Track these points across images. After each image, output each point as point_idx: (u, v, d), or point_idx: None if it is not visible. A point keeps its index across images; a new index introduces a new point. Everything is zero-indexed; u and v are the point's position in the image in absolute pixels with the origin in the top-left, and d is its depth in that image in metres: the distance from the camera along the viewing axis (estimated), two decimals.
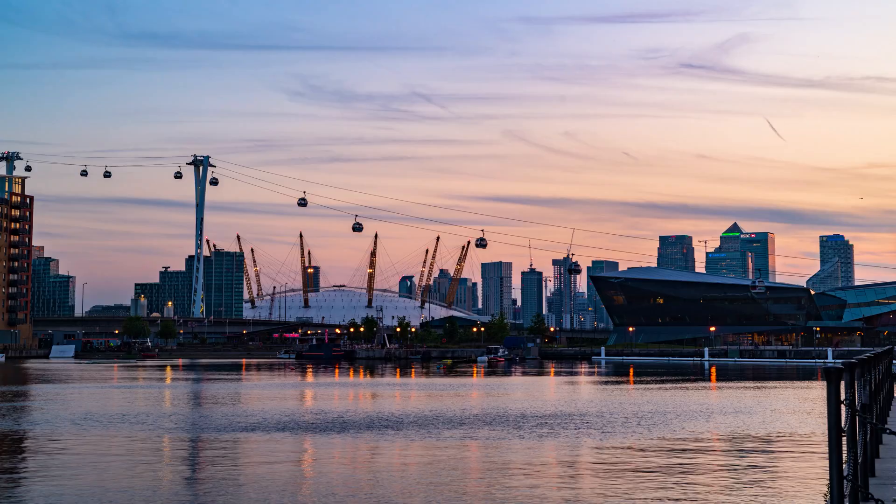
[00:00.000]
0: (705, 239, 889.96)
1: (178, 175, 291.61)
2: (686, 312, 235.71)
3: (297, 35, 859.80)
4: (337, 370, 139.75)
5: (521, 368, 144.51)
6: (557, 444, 41.03)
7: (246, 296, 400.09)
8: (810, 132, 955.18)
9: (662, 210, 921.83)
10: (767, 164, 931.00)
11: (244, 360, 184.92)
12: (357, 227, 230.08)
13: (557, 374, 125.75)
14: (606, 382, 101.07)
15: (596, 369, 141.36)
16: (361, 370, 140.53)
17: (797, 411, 59.12)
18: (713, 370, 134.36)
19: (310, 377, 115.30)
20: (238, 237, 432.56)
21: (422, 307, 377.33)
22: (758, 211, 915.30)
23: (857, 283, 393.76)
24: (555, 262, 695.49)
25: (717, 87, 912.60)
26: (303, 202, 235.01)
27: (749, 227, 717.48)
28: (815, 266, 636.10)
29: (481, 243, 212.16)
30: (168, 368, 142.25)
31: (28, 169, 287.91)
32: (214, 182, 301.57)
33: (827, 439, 9.24)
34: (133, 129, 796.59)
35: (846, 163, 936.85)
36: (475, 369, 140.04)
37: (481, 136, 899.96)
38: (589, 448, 39.44)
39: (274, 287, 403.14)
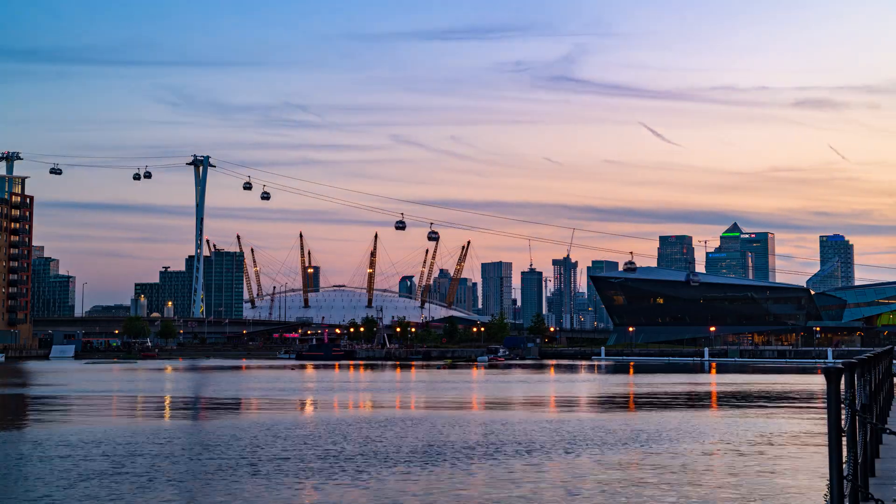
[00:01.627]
0: (705, 239, 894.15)
1: (137, 177, 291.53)
2: (686, 312, 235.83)
3: (160, 50, 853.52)
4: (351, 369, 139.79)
5: (521, 368, 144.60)
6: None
7: (246, 296, 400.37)
8: (700, 139, 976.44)
9: (590, 212, 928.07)
10: (670, 168, 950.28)
11: (244, 360, 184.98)
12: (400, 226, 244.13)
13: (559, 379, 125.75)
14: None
15: (596, 365, 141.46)
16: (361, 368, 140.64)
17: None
18: (713, 367, 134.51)
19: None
20: (238, 237, 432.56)
21: (422, 307, 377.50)
22: (677, 213, 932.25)
23: (857, 283, 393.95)
24: (555, 262, 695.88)
25: (590, 98, 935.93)
26: (248, 186, 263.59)
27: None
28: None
29: (431, 237, 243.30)
30: (168, 369, 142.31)
31: (58, 172, 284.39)
32: (266, 196, 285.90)
33: (827, 439, 9.23)
34: None
35: (751, 167, 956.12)
36: (475, 369, 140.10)
37: (373, 142, 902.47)
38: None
39: (274, 287, 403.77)
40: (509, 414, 56.17)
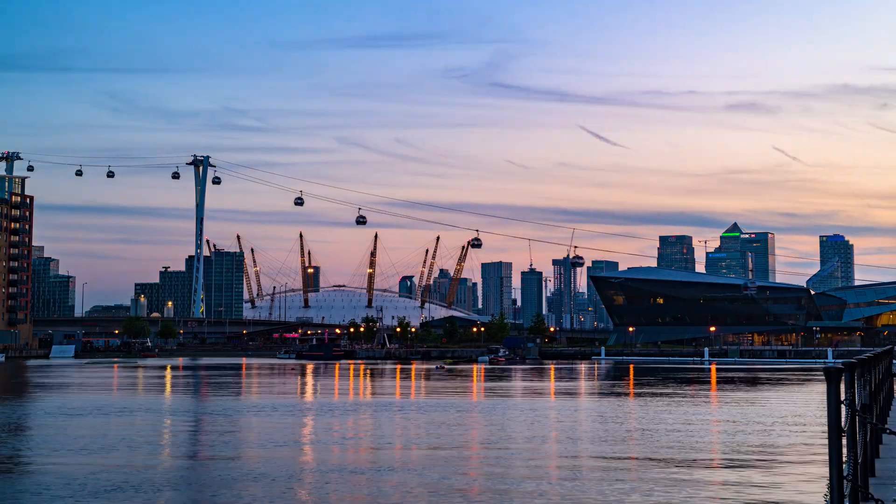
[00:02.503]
0: (705, 239, 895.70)
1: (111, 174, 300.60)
2: (686, 312, 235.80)
3: (100, 56, 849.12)
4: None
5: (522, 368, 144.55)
6: None
7: (246, 296, 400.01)
8: (643, 143, 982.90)
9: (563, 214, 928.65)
10: (626, 171, 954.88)
11: (244, 360, 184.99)
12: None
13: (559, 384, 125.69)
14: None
15: (596, 366, 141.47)
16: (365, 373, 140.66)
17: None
18: (713, 367, 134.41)
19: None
20: (238, 237, 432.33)
21: (422, 307, 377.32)
22: (642, 215, 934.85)
23: (857, 283, 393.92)
24: (555, 262, 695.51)
25: (529, 103, 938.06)
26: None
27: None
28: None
29: (360, 221, 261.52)
30: (168, 368, 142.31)
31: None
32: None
33: (827, 439, 9.24)
34: None
35: (705, 170, 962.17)
36: (475, 369, 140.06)
37: (321, 145, 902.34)
38: None
39: (274, 287, 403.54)
40: None
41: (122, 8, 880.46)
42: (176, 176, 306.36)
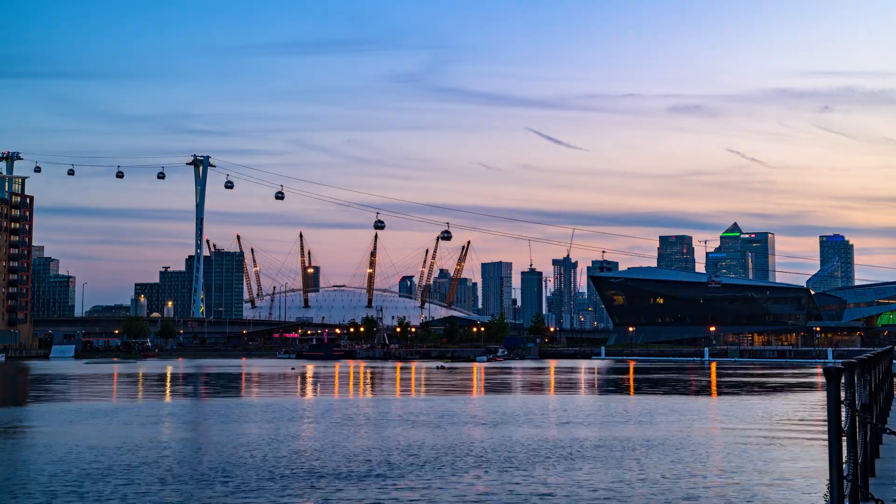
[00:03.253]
0: (705, 239, 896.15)
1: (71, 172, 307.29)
2: (686, 312, 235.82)
3: (52, 61, 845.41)
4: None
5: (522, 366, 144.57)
6: None
7: (246, 296, 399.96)
8: (596, 145, 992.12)
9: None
10: (588, 173, 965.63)
11: (244, 360, 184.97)
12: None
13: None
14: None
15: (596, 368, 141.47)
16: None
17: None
18: (713, 366, 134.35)
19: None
20: (238, 237, 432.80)
21: (422, 307, 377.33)
22: (618, 217, 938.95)
23: (857, 283, 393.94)
24: (555, 262, 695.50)
25: (479, 108, 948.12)
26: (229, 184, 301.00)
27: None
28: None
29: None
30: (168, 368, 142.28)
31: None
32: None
33: (827, 439, 9.24)
34: None
35: (666, 171, 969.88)
36: (475, 369, 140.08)
37: (278, 148, 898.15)
38: None
39: (274, 287, 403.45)
40: None
41: (72, 14, 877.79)
42: (161, 176, 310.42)
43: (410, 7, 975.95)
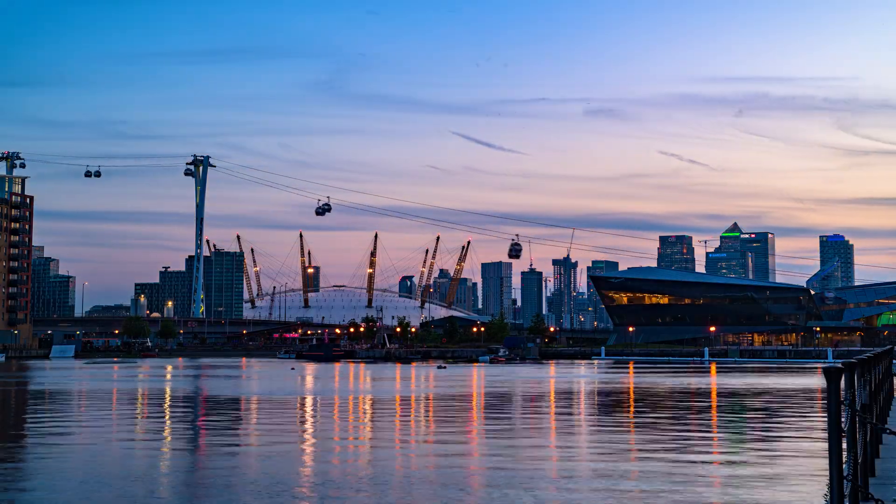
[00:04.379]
0: (705, 239, 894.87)
1: None
2: (686, 312, 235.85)
3: None
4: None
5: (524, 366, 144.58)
6: None
7: (246, 296, 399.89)
8: (530, 148, 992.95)
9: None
10: (529, 176, 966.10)
11: (244, 361, 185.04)
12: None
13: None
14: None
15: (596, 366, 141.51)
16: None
17: None
18: (713, 366, 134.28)
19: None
20: (238, 237, 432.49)
21: (422, 307, 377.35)
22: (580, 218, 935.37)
23: (857, 283, 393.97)
24: (555, 262, 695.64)
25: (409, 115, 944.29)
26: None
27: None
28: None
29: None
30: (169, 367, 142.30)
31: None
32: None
33: (827, 439, 9.24)
34: None
35: (610, 173, 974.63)
36: (475, 369, 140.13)
37: (211, 151, 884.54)
38: None
39: (274, 287, 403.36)
40: None
41: None
42: (90, 174, 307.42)
43: (315, 17, 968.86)
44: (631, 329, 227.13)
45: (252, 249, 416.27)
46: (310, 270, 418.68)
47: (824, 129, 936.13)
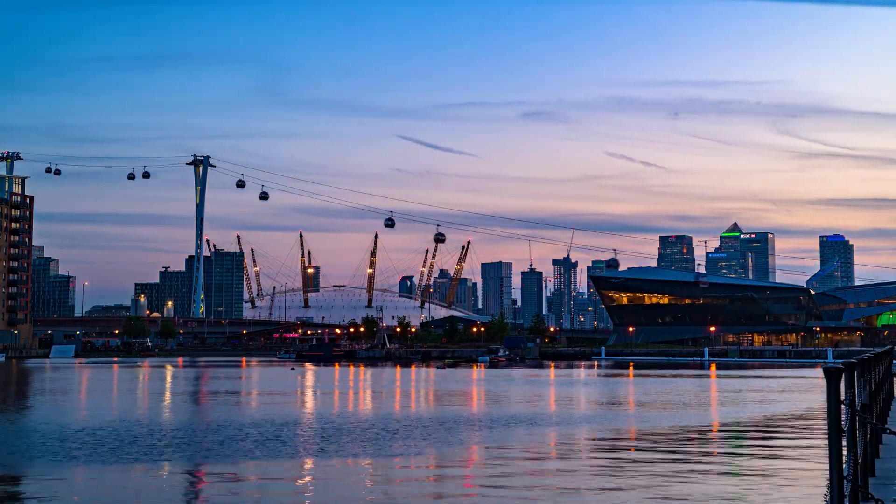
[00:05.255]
0: (705, 239, 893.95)
1: None
2: (686, 312, 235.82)
3: None
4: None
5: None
6: None
7: (246, 296, 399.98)
8: (487, 150, 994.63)
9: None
10: (482, 178, 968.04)
11: (244, 361, 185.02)
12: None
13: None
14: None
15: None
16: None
17: None
18: (713, 367, 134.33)
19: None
20: (238, 237, 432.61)
21: (422, 307, 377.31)
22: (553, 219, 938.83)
23: (857, 283, 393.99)
24: (555, 262, 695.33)
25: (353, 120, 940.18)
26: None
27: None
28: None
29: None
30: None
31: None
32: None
33: (827, 439, 9.24)
34: None
35: (565, 175, 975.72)
36: (475, 369, 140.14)
37: (157, 154, 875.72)
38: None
39: (274, 287, 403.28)
40: None
41: None
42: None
43: (248, 22, 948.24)
44: (631, 329, 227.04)
45: (252, 249, 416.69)
46: (310, 270, 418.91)
47: (764, 133, 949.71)
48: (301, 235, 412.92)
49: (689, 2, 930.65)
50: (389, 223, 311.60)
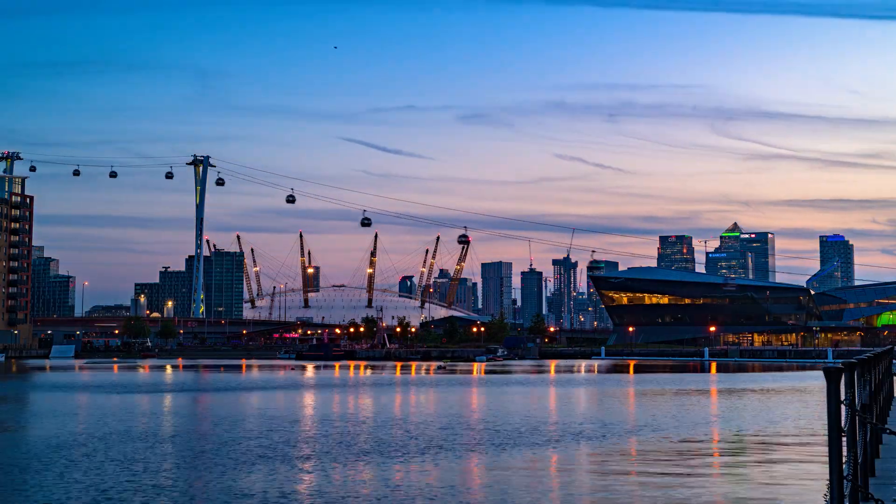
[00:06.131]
0: (705, 239, 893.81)
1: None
2: (686, 312, 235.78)
3: None
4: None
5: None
6: None
7: (246, 296, 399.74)
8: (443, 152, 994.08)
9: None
10: (448, 180, 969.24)
11: (244, 362, 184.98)
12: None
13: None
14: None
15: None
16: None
17: None
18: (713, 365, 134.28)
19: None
20: (238, 237, 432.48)
21: (422, 307, 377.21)
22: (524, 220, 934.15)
23: (857, 283, 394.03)
24: (555, 262, 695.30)
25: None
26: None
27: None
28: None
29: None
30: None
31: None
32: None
33: (827, 439, 9.24)
34: None
35: (520, 177, 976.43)
36: (475, 368, 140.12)
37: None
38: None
39: (274, 287, 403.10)
40: None
41: None
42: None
43: (183, 29, 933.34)
44: (631, 329, 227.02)
45: (252, 249, 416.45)
46: (310, 270, 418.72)
47: (703, 135, 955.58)
48: (301, 235, 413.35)
49: (625, 7, 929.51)
50: (366, 222, 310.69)
